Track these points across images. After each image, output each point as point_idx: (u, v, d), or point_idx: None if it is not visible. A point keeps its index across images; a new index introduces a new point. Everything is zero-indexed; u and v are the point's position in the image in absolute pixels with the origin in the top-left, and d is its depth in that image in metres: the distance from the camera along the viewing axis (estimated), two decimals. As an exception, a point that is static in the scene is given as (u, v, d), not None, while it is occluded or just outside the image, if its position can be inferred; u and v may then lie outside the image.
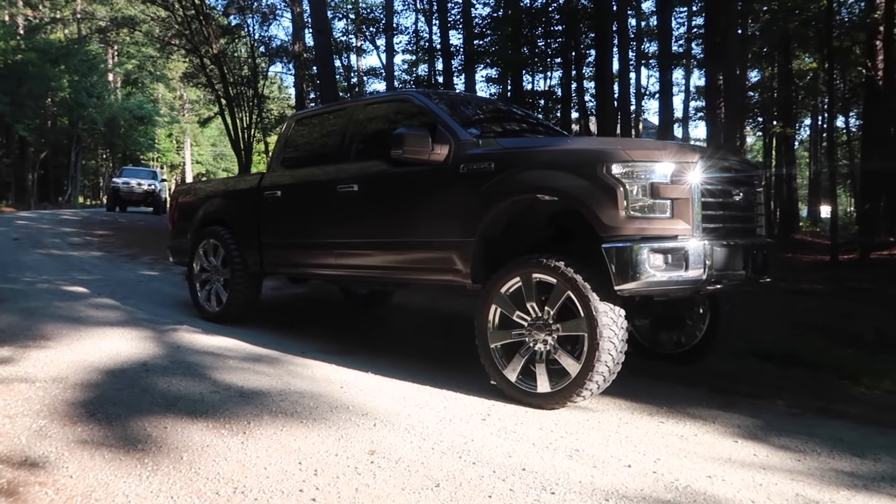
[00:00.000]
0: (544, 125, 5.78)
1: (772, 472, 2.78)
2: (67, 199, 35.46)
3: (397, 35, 24.26)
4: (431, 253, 4.14)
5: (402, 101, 4.93)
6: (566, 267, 3.41)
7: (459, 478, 2.62)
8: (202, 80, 23.93)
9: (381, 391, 3.79)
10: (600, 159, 3.40)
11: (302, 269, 5.35)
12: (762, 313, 6.16)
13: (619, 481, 2.62)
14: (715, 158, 3.63)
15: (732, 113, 10.66)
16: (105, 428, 3.07)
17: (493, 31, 18.15)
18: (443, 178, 4.05)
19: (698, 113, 26.41)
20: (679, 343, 4.54)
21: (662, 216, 3.33)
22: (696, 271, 3.31)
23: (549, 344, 3.51)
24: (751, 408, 3.75)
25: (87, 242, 12.81)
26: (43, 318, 5.32)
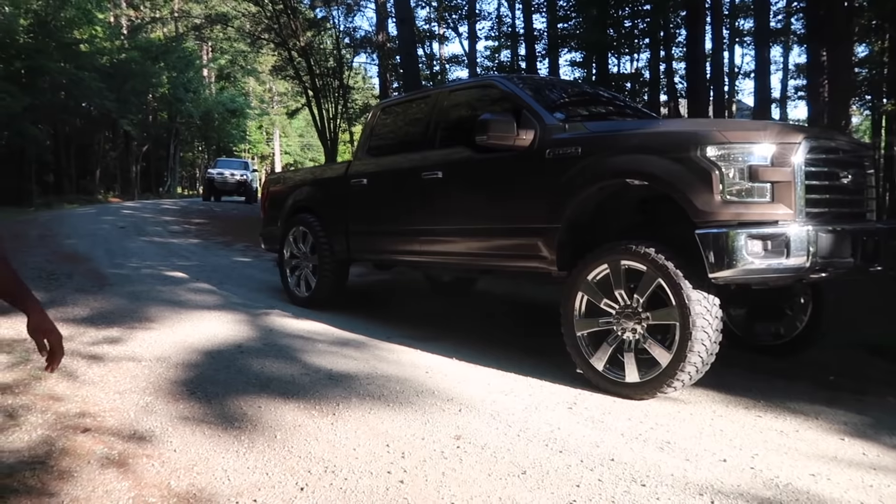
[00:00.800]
0: (632, 107, 5.60)
1: (884, 473, 2.59)
2: (167, 190, 37.53)
3: (480, 21, 24.14)
4: (516, 239, 4.10)
5: (487, 86, 4.89)
6: (657, 254, 3.29)
7: (546, 466, 2.59)
8: (290, 72, 24.69)
9: (466, 377, 3.80)
10: (694, 141, 3.26)
11: (387, 256, 5.43)
12: (872, 304, 5.77)
13: (713, 476, 2.52)
14: (820, 138, 3.41)
15: (838, 91, 9.97)
16: (204, 406, 3.23)
17: (578, 13, 17.73)
18: (528, 164, 4.00)
19: (798, 92, 24.95)
20: (778, 334, 4.31)
21: (762, 200, 3.16)
22: (799, 259, 3.12)
23: (639, 333, 3.41)
24: (858, 404, 3.51)
25: (185, 230, 13.50)
26: (147, 302, 5.65)
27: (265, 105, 48.98)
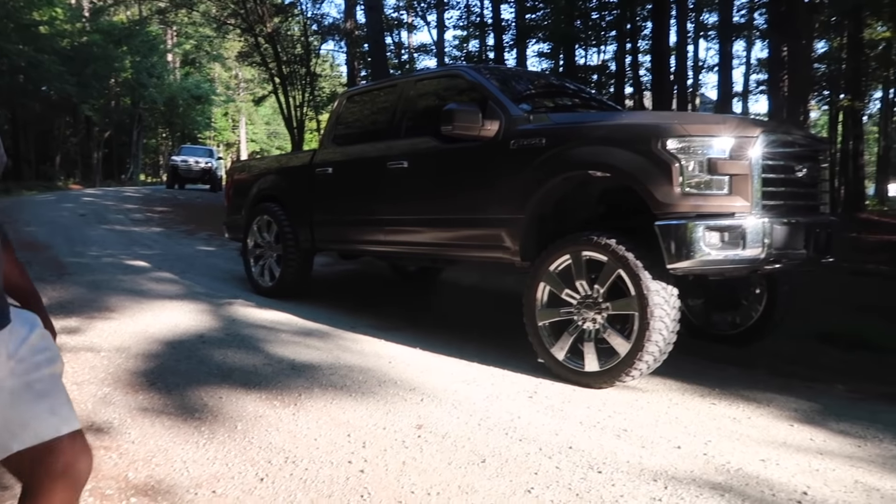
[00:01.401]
0: (597, 100, 5.66)
1: (829, 457, 2.69)
2: (130, 177, 36.72)
3: (448, 10, 24.04)
4: (481, 230, 4.13)
5: (453, 76, 4.89)
6: (617, 245, 3.34)
7: (506, 454, 2.62)
8: (257, 59, 24.28)
9: (429, 367, 3.82)
10: (655, 134, 3.31)
11: (352, 246, 5.41)
12: (824, 295, 5.94)
13: (668, 462, 2.58)
14: (777, 132, 3.49)
15: (797, 86, 10.21)
16: (165, 396, 3.19)
17: (546, 4, 17.79)
18: (493, 155, 4.01)
19: (760, 87, 25.45)
20: (734, 324, 4.42)
21: (719, 193, 3.23)
22: (754, 250, 3.20)
23: (599, 322, 3.46)
24: (809, 391, 3.63)
25: (147, 218, 13.25)
26: (107, 291, 5.54)
27: (231, 92, 48.13)
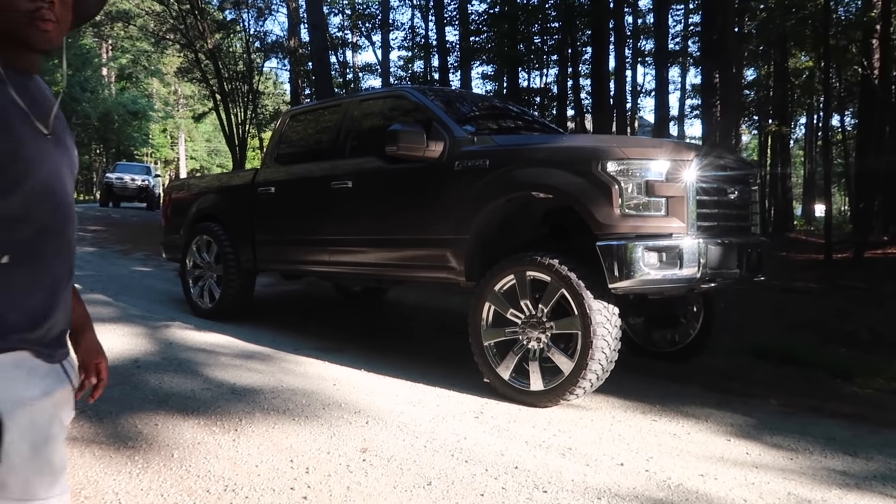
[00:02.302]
0: (540, 122, 5.76)
1: (764, 470, 2.78)
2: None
3: (393, 31, 24.18)
4: (426, 250, 4.13)
5: (398, 97, 4.91)
6: (560, 265, 3.40)
7: (451, 476, 2.61)
8: (197, 75, 23.82)
9: (374, 389, 3.78)
10: (595, 157, 3.39)
11: (295, 266, 5.33)
12: (756, 312, 6.17)
13: (611, 480, 2.62)
14: (710, 156, 3.62)
15: (729, 111, 10.64)
16: (95, 425, 3.05)
17: (490, 27, 18.08)
18: (437, 175, 4.03)
19: (694, 111, 26.40)
20: (673, 341, 4.54)
21: (657, 214, 3.33)
22: (691, 269, 3.31)
23: (543, 342, 3.50)
24: (744, 406, 3.75)
25: (79, 238, 12.74)
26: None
27: (170, 108, 47.00)
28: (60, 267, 1.15)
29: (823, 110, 16.57)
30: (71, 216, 1.18)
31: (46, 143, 1.11)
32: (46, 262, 1.11)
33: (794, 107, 22.66)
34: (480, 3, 19.96)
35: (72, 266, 1.21)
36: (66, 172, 1.16)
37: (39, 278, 1.10)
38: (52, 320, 1.13)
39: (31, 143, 1.07)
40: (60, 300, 1.16)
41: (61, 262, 1.16)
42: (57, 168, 1.13)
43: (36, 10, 1.07)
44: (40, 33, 1.08)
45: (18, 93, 1.07)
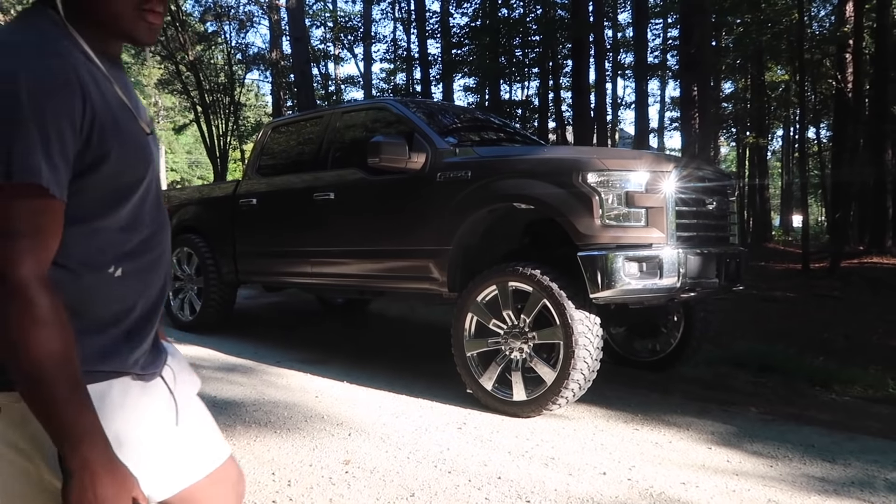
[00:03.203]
0: (521, 134, 5.81)
1: (745, 478, 2.80)
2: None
3: (375, 43, 24.27)
4: (408, 261, 4.13)
5: (380, 109, 4.92)
6: (542, 275, 3.42)
7: (435, 487, 2.60)
8: (178, 86, 23.66)
9: (357, 400, 3.76)
10: (576, 168, 3.43)
11: (277, 278, 5.31)
12: (735, 321, 6.24)
13: (594, 489, 2.63)
14: (689, 168, 3.67)
15: (707, 123, 10.81)
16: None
17: (472, 40, 18.23)
18: (420, 187, 4.05)
19: (673, 123, 26.77)
20: (654, 350, 4.57)
21: (637, 225, 3.36)
22: (671, 279, 3.34)
23: (525, 352, 3.51)
24: (724, 414, 3.78)
25: (58, 250, 12.59)
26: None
27: (150, 120, 46.71)
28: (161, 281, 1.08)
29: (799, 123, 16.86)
30: (167, 222, 1.12)
31: (149, 142, 1.03)
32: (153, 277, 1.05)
33: (770, 119, 23.05)
34: (462, 17, 20.09)
35: (170, 274, 1.14)
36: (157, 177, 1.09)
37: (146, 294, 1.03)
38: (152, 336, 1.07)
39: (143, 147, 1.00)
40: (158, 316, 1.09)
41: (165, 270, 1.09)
42: (156, 171, 1.05)
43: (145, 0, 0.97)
44: (147, 26, 0.98)
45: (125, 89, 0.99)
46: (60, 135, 0.84)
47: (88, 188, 0.92)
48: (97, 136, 0.89)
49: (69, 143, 0.86)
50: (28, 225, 0.84)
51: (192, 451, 1.12)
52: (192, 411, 1.16)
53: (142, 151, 0.99)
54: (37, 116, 0.82)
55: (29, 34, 0.90)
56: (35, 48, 0.87)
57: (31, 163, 0.82)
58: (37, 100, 0.82)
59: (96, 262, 0.95)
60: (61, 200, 0.87)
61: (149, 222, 1.03)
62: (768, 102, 20.56)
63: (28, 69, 0.84)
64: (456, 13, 19.91)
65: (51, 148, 0.83)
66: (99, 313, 0.96)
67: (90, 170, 0.91)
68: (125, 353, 0.99)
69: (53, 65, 0.86)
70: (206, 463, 1.14)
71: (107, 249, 0.96)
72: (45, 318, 0.83)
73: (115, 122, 0.93)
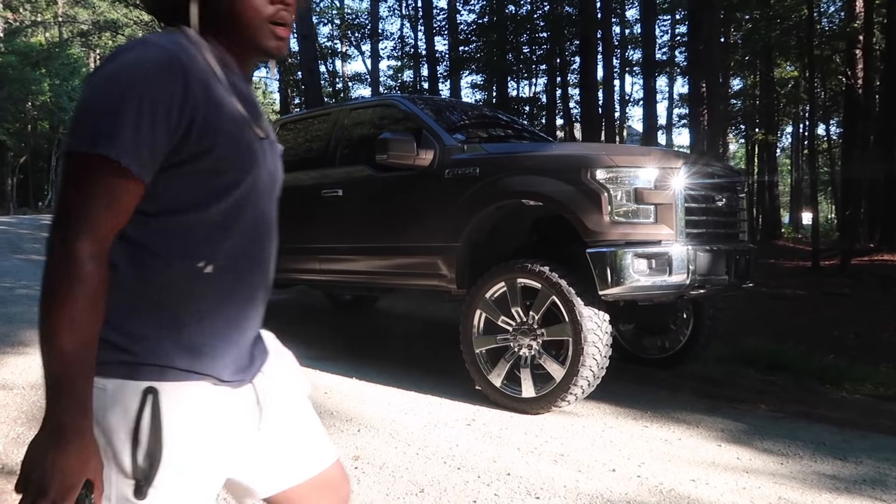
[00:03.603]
0: (529, 131, 5.79)
1: (755, 475, 2.79)
2: (48, 204, 35.06)
3: (382, 41, 24.23)
4: (416, 258, 4.13)
5: (387, 105, 4.92)
6: (551, 272, 3.41)
7: (444, 483, 2.60)
8: (186, 84, 23.75)
9: (366, 397, 3.77)
10: (584, 164, 3.42)
11: (286, 275, 5.31)
12: (745, 318, 6.21)
13: (603, 485, 2.62)
14: (698, 164, 3.66)
15: (715, 120, 10.75)
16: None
17: (479, 37, 18.20)
18: (427, 183, 4.04)
19: (682, 120, 26.64)
20: (663, 348, 4.56)
21: (646, 221, 3.35)
22: (680, 276, 3.33)
23: (534, 349, 3.51)
24: (734, 412, 3.77)
25: (67, 248, 12.64)
26: (22, 325, 5.24)
27: (158, 117, 46.88)
28: (260, 290, 1.07)
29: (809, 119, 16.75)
30: (275, 225, 1.11)
31: (261, 147, 1.04)
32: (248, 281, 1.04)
33: (780, 116, 22.91)
34: (469, 13, 20.04)
35: (269, 290, 1.12)
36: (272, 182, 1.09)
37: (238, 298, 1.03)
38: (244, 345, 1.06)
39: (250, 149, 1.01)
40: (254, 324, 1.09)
41: (263, 281, 1.08)
42: (267, 177, 1.06)
43: (275, 13, 1.02)
44: (276, 40, 1.03)
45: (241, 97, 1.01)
46: (153, 120, 0.87)
47: (186, 180, 0.94)
48: (197, 131, 0.92)
49: (161, 130, 0.89)
50: (100, 196, 0.87)
51: (287, 455, 1.14)
52: (293, 415, 1.17)
53: (248, 155, 1.00)
54: (132, 100, 0.87)
55: (153, 36, 0.95)
56: (151, 45, 0.92)
57: (115, 139, 0.86)
58: (136, 85, 0.87)
59: (187, 255, 0.96)
60: (139, 180, 0.89)
61: (251, 227, 1.03)
62: (777, 99, 20.44)
63: (138, 60, 0.90)
64: (463, 10, 19.88)
65: (140, 130, 0.87)
66: (182, 308, 0.96)
67: (188, 162, 0.93)
68: (206, 355, 0.98)
69: (162, 60, 0.90)
70: (307, 467, 1.17)
71: (200, 244, 0.97)
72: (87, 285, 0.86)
73: (220, 122, 0.95)
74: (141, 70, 0.89)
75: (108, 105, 0.87)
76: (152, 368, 0.92)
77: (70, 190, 0.88)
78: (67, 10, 33.43)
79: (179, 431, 0.93)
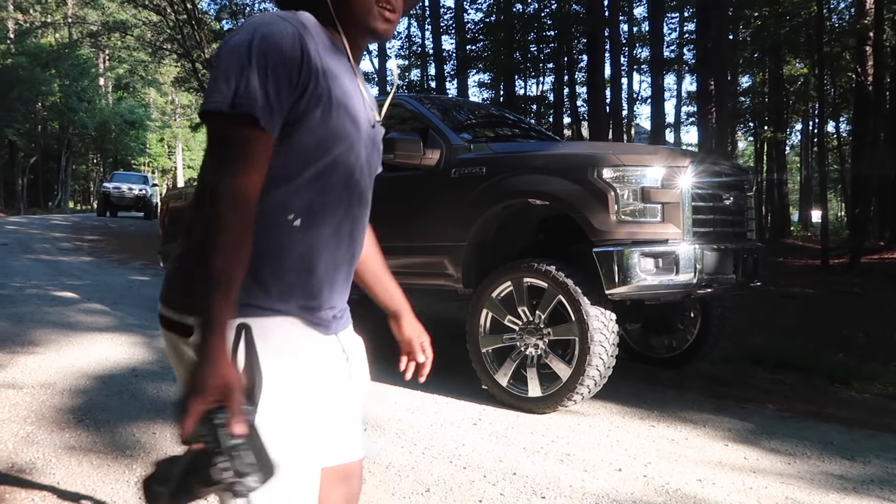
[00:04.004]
0: (536, 130, 5.79)
1: (762, 475, 2.78)
2: (58, 205, 35.29)
3: (389, 40, 24.29)
4: (423, 257, 4.14)
5: (394, 105, 4.92)
6: (557, 271, 3.41)
7: (450, 482, 2.61)
8: (194, 84, 23.84)
9: (372, 396, 3.78)
10: (591, 163, 3.41)
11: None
12: (753, 317, 6.19)
13: (609, 485, 2.62)
14: (705, 163, 3.64)
15: (724, 118, 10.72)
16: (93, 434, 3.05)
17: (486, 36, 18.18)
18: (434, 183, 4.05)
19: (690, 118, 26.51)
20: (670, 347, 4.55)
21: (653, 220, 3.34)
22: (687, 275, 3.32)
23: (541, 348, 3.50)
24: (741, 411, 3.76)
25: (77, 248, 12.75)
26: (32, 324, 5.28)
27: (167, 117, 47.04)
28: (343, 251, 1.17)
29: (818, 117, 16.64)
30: (367, 200, 1.21)
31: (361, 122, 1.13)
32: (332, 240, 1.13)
33: (789, 113, 22.77)
34: (477, 12, 20.06)
35: (359, 250, 1.24)
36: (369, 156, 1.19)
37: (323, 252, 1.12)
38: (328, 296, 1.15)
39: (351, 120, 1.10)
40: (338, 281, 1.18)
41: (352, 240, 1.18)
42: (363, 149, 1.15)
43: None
44: (384, 22, 1.12)
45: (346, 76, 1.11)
46: (277, 81, 0.99)
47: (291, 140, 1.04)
48: (309, 95, 1.03)
49: (284, 90, 1.00)
50: (241, 150, 0.99)
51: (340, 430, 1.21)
52: (356, 395, 1.26)
53: (348, 124, 1.09)
54: (261, 63, 0.98)
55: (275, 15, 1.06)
56: (278, 18, 1.03)
57: (251, 99, 0.98)
58: (263, 51, 0.99)
59: (279, 208, 1.06)
60: (271, 134, 1.01)
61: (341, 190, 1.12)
62: (787, 96, 20.32)
63: (263, 28, 1.01)
64: (470, 9, 19.88)
65: (268, 89, 0.98)
66: (273, 256, 1.07)
67: (298, 122, 1.03)
68: (294, 298, 1.09)
69: (285, 30, 1.01)
70: (343, 452, 1.23)
71: (291, 199, 1.06)
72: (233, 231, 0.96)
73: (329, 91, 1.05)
74: (270, 39, 1.00)
75: (242, 70, 0.98)
76: (245, 308, 1.02)
77: (220, 145, 1.00)
78: (77, 11, 33.59)
79: (273, 361, 1.03)
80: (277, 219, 1.06)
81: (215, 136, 1.01)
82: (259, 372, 1.00)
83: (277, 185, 1.05)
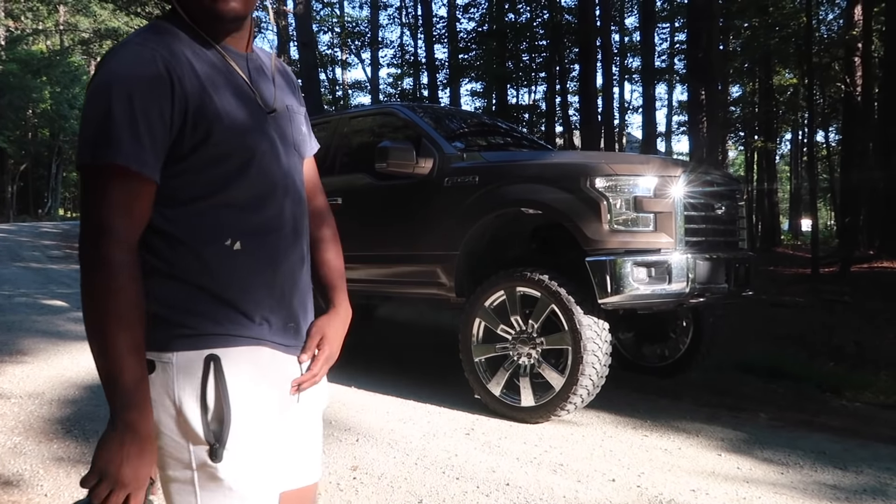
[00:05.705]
0: (528, 139, 5.80)
1: (755, 485, 2.78)
2: (48, 212, 35.08)
3: (382, 49, 24.36)
4: (416, 266, 4.13)
5: (387, 114, 4.93)
6: (550, 280, 3.41)
7: (443, 493, 2.59)
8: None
9: (365, 406, 3.76)
10: (584, 173, 3.41)
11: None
12: (745, 326, 6.20)
13: (603, 496, 2.61)
14: (697, 172, 3.65)
15: (715, 127, 10.76)
16: (82, 445, 3.01)
17: (479, 45, 18.26)
18: (427, 192, 4.04)
19: (681, 127, 26.70)
20: (663, 356, 4.55)
21: (646, 230, 3.35)
22: (679, 285, 3.32)
23: (534, 357, 3.50)
24: (734, 421, 3.75)
25: (67, 255, 12.65)
26: (20, 333, 5.23)
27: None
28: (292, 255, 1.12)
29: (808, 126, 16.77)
30: (300, 199, 1.15)
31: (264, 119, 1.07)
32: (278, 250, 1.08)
33: (779, 123, 22.95)
34: (469, 22, 20.12)
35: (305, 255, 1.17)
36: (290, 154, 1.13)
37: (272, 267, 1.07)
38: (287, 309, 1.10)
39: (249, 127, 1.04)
40: (295, 290, 1.13)
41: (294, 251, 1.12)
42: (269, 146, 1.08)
43: None
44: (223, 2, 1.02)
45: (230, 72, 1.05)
46: (148, 121, 0.93)
47: (194, 169, 0.99)
48: (192, 120, 0.97)
49: (157, 128, 0.94)
50: (114, 200, 0.93)
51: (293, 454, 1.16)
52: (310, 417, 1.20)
53: (249, 132, 1.04)
54: (124, 107, 0.92)
55: (132, 36, 1.01)
56: (132, 47, 0.97)
57: (115, 147, 0.92)
58: (125, 92, 0.93)
59: (213, 237, 1.02)
60: (149, 179, 0.95)
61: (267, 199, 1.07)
62: (777, 106, 20.47)
63: (124, 63, 0.95)
64: (463, 18, 19.96)
65: (138, 132, 0.93)
66: (224, 283, 1.02)
67: (192, 152, 0.98)
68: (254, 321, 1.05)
69: (145, 59, 0.95)
70: (297, 475, 1.18)
71: (223, 225, 1.02)
72: (119, 288, 0.92)
73: (213, 104, 0.99)
74: (127, 75, 0.94)
75: (104, 115, 0.92)
76: (210, 338, 1.00)
77: (89, 200, 0.94)
78: (69, 18, 33.51)
79: (242, 391, 1.01)
80: (215, 248, 1.01)
81: (90, 192, 0.95)
82: (228, 406, 0.98)
83: (201, 217, 1.00)
